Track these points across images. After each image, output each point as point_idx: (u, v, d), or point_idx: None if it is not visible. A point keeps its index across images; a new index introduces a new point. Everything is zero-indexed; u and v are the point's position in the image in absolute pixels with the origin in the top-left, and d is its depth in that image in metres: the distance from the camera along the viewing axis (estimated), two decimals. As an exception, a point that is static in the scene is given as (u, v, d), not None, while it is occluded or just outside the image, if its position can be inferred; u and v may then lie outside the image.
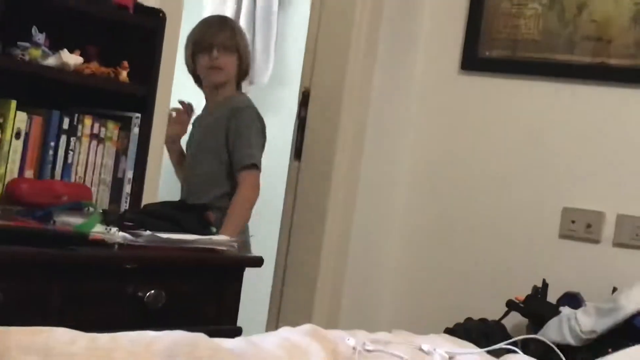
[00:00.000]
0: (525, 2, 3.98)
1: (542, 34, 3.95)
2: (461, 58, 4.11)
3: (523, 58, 3.99)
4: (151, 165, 2.97)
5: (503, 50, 4.03)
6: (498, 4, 4.04)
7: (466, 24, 4.09)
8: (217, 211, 3.60)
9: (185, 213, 2.70)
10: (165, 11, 2.91)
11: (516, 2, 4.00)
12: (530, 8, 3.97)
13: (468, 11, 4.09)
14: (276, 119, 4.60)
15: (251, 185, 3.72)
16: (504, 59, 4.03)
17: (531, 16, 3.96)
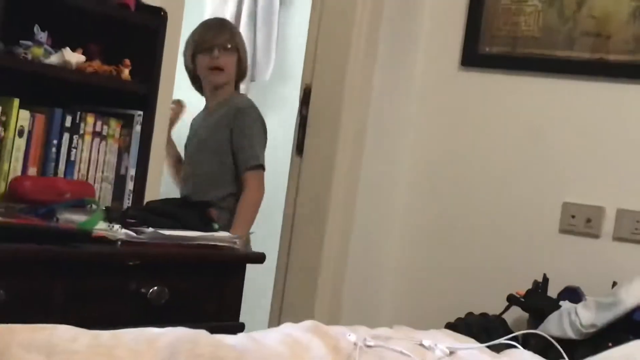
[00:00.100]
0: (525, -1, 4.00)
1: (542, 31, 3.95)
2: (461, 54, 4.11)
3: (523, 54, 3.99)
4: (153, 162, 2.97)
5: (503, 46, 4.04)
6: (498, 1, 4.04)
7: (466, 21, 4.10)
8: (221, 211, 3.63)
9: (187, 210, 2.70)
10: (166, 9, 2.91)
11: (516, -1, 4.02)
12: (530, 5, 3.97)
13: (468, 8, 4.09)
14: (278, 116, 4.62)
15: (257, 186, 3.79)
16: (504, 55, 4.03)
17: (531, 13, 3.97)
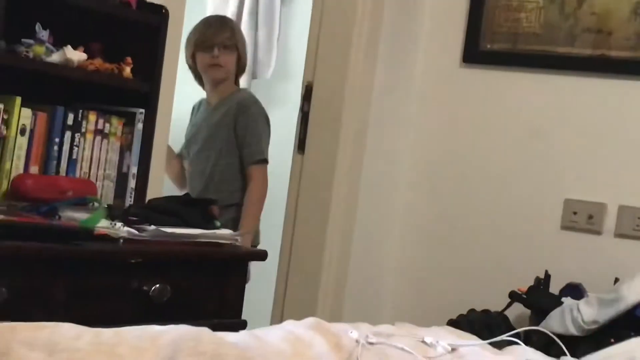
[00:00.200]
0: (526, -4, 4.00)
1: (543, 27, 3.95)
2: (463, 51, 4.11)
3: (524, 51, 3.99)
4: (155, 160, 2.98)
5: (504, 43, 4.04)
6: (499, -2, 4.05)
7: (467, 18, 4.09)
8: (235, 208, 3.71)
9: (189, 208, 2.70)
10: (168, 7, 2.91)
11: (517, -4, 4.02)
12: (531, 1, 3.97)
13: (469, 4, 4.09)
14: (280, 113, 4.62)
15: (262, 180, 3.86)
16: (506, 52, 4.03)
17: (532, 9, 3.96)
